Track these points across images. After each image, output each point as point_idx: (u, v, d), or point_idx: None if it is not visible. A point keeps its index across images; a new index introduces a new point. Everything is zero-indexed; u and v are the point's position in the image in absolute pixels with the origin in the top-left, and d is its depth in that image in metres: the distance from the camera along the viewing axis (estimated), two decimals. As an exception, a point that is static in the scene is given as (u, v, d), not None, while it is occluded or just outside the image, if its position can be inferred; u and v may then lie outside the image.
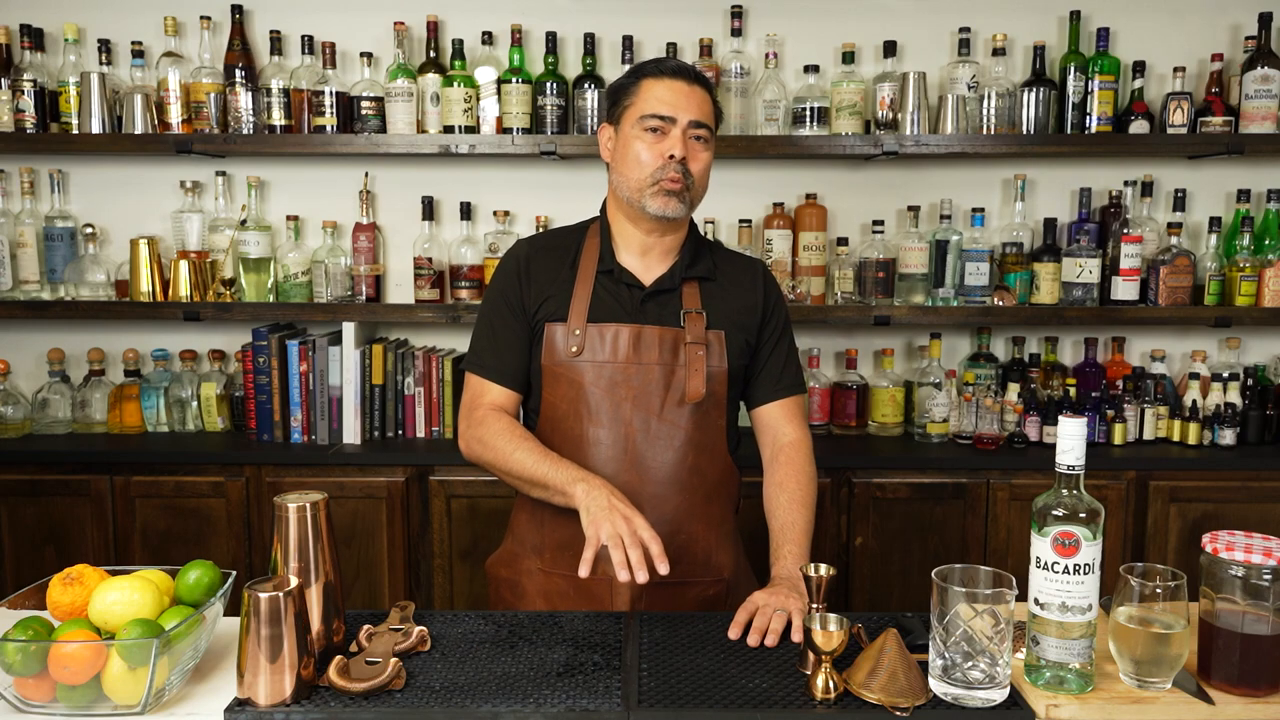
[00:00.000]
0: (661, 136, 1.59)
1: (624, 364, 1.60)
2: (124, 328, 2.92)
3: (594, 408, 1.60)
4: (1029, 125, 2.72)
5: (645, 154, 1.59)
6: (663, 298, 1.65)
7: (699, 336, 1.62)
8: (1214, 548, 1.22)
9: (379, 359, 2.75)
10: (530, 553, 1.67)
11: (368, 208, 2.84)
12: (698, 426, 1.62)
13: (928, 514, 2.58)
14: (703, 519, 1.64)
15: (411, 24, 2.79)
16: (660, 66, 1.62)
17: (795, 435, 1.70)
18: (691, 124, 1.59)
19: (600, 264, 1.65)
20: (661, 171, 1.58)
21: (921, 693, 1.18)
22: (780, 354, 1.73)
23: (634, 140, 1.60)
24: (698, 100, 1.60)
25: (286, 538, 1.28)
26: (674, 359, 1.61)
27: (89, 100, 2.66)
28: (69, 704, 1.15)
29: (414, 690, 1.22)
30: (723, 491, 1.69)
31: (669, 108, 1.58)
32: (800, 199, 2.88)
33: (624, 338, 1.60)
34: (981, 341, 2.90)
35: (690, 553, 1.63)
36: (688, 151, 1.59)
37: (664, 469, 1.61)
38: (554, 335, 1.62)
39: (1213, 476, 2.60)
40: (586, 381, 1.60)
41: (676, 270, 1.66)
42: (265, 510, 2.57)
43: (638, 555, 1.35)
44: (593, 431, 1.60)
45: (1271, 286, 2.70)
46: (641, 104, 1.60)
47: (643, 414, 1.60)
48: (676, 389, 1.61)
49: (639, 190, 1.60)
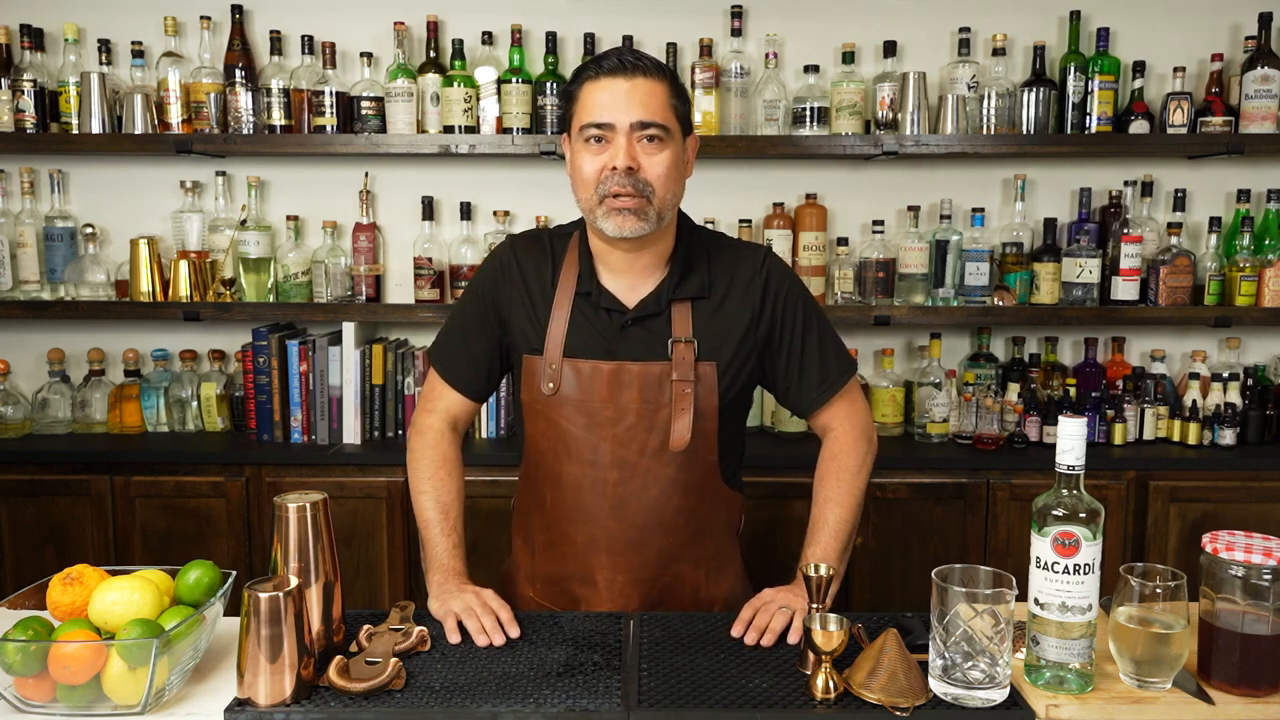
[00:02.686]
0: (604, 146, 1.41)
1: (601, 404, 1.47)
2: (124, 328, 2.92)
3: (572, 448, 1.50)
4: (1029, 125, 2.71)
5: (588, 167, 1.42)
6: (648, 322, 1.50)
7: (686, 373, 1.46)
8: (1214, 548, 1.22)
9: (379, 359, 2.75)
10: (524, 579, 1.65)
11: (368, 208, 2.84)
12: (684, 468, 1.50)
13: (928, 514, 2.58)
14: (690, 559, 1.56)
15: (411, 24, 2.79)
16: (599, 65, 1.43)
17: (841, 429, 1.60)
18: (636, 125, 1.40)
19: (579, 284, 1.52)
20: (604, 187, 1.41)
21: (921, 693, 1.18)
22: (811, 355, 1.56)
23: (578, 154, 1.44)
24: (640, 96, 1.40)
25: (286, 538, 1.28)
26: (658, 397, 1.47)
27: (89, 100, 2.66)
28: (69, 704, 1.15)
29: (414, 690, 1.22)
30: (717, 524, 1.59)
31: (606, 112, 1.40)
32: (800, 199, 2.88)
33: (601, 375, 1.47)
34: (981, 341, 2.90)
35: (675, 593, 1.57)
36: (635, 158, 1.40)
37: (645, 514, 1.50)
38: (532, 369, 1.52)
39: (1213, 476, 2.59)
40: (563, 421, 1.49)
41: (663, 291, 1.50)
42: (265, 510, 2.57)
43: (491, 621, 1.37)
44: (570, 472, 1.51)
45: (1271, 286, 2.70)
46: (581, 112, 1.43)
47: (622, 456, 1.48)
48: (660, 430, 1.47)
49: (590, 210, 1.44)
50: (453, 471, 1.59)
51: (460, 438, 1.65)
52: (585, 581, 1.56)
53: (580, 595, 1.57)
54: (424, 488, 1.57)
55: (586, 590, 1.56)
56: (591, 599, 1.56)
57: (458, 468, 1.61)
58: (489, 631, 1.36)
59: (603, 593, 1.55)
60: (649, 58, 1.45)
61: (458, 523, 1.56)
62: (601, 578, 1.54)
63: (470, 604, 1.40)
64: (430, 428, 1.62)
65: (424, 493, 1.57)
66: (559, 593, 1.59)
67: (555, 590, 1.59)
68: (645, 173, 1.42)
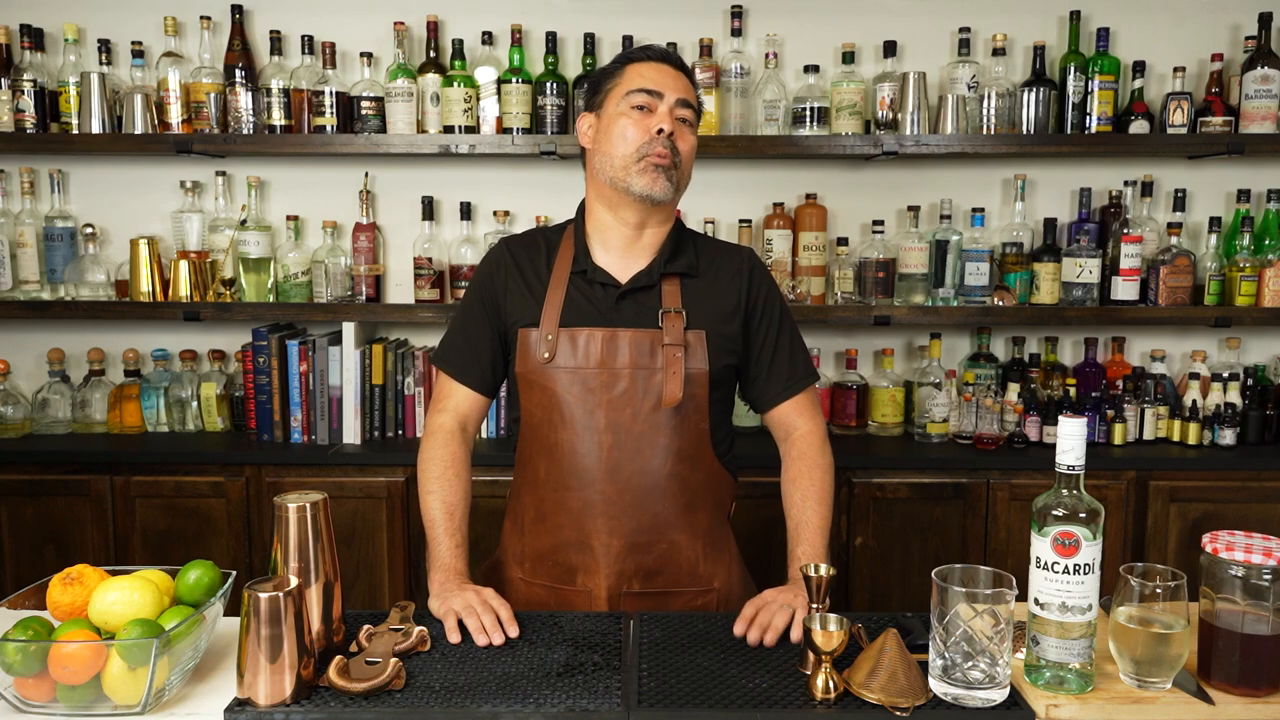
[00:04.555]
0: (649, 113, 1.55)
1: (596, 369, 1.54)
2: (124, 328, 2.92)
3: (568, 415, 1.55)
4: (1029, 125, 2.72)
5: (632, 130, 1.54)
6: (640, 295, 1.59)
7: (677, 338, 1.55)
8: (1214, 548, 1.22)
9: (379, 359, 2.76)
10: (512, 562, 1.66)
11: (368, 208, 2.84)
12: (677, 432, 1.56)
13: (928, 514, 2.58)
14: (685, 528, 1.59)
15: (411, 24, 2.80)
16: (646, 51, 1.60)
17: (806, 427, 1.66)
18: (679, 102, 1.56)
19: (574, 264, 1.60)
20: (649, 146, 1.53)
21: (921, 693, 1.18)
22: (783, 350, 1.66)
23: (620, 118, 1.56)
24: (683, 83, 1.59)
25: (286, 538, 1.28)
26: (650, 362, 1.55)
27: (89, 100, 2.66)
28: (69, 704, 1.15)
29: (414, 690, 1.22)
30: (709, 498, 1.62)
31: (656, 84, 1.56)
32: (800, 199, 2.88)
33: (596, 342, 1.55)
34: (981, 341, 2.90)
35: (673, 562, 1.59)
36: (675, 129, 1.56)
37: (642, 476, 1.55)
38: (527, 341, 1.57)
39: (1213, 476, 2.59)
40: (559, 388, 1.55)
41: (655, 266, 1.60)
42: (265, 510, 2.57)
43: (491, 619, 1.38)
44: (568, 439, 1.55)
45: (1271, 286, 2.70)
46: (628, 83, 1.57)
47: (618, 420, 1.54)
48: (653, 394, 1.54)
49: (625, 168, 1.54)
50: (460, 473, 1.61)
51: (470, 439, 1.67)
52: (582, 548, 1.57)
53: (576, 563, 1.57)
54: (431, 488, 1.59)
55: (583, 557, 1.57)
56: (588, 565, 1.56)
57: (465, 469, 1.62)
58: (488, 630, 1.37)
59: (599, 558, 1.56)
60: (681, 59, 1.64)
61: (462, 523, 1.58)
62: (598, 542, 1.56)
63: (470, 602, 1.41)
64: (441, 428, 1.64)
65: (431, 493, 1.59)
66: (551, 566, 1.59)
67: (547, 564, 1.60)
68: (680, 144, 1.57)
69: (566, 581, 1.59)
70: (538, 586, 1.61)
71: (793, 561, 1.55)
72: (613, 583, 1.56)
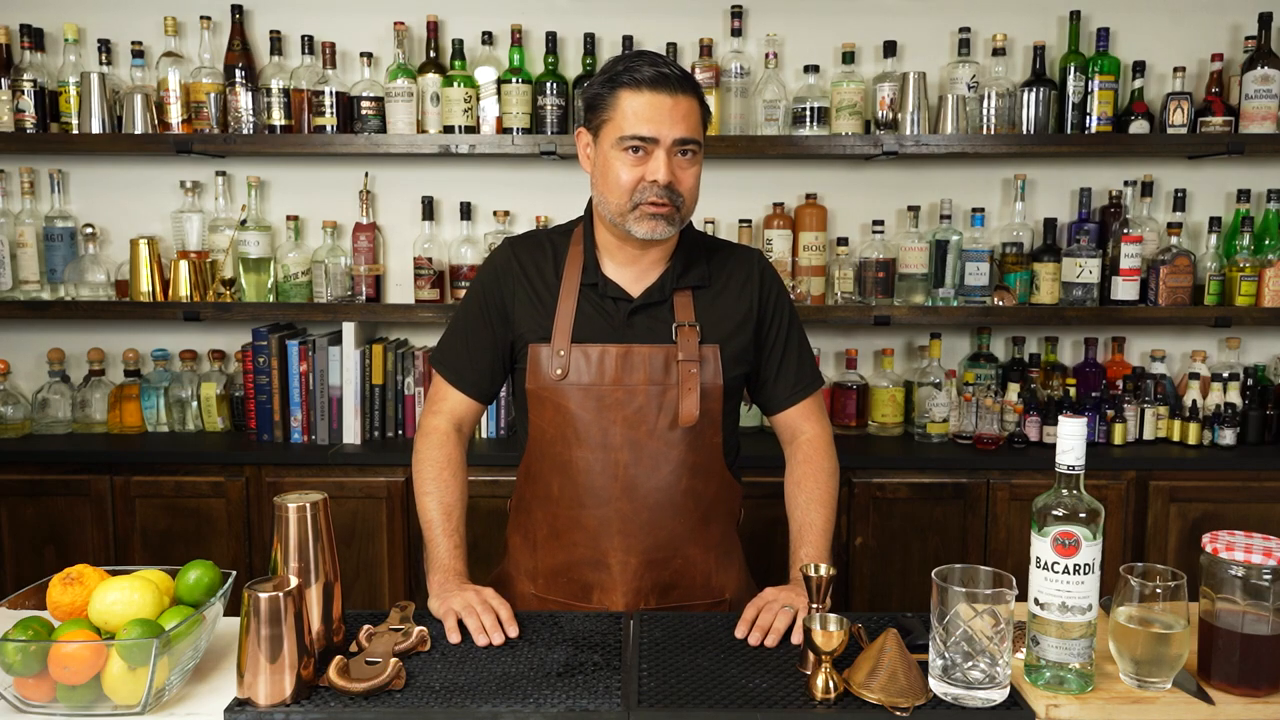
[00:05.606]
0: (644, 158, 1.46)
1: (611, 386, 1.52)
2: (124, 328, 2.92)
3: (581, 432, 1.53)
4: (1029, 125, 2.72)
5: (625, 176, 1.47)
6: (653, 310, 1.56)
7: (691, 354, 1.53)
8: (1214, 548, 1.22)
9: (379, 359, 2.75)
10: (524, 577, 1.64)
11: (368, 208, 2.84)
12: (691, 448, 1.54)
13: (928, 514, 2.58)
14: (699, 542, 1.58)
15: (411, 24, 2.80)
16: (638, 76, 1.45)
17: (813, 431, 1.66)
18: (677, 142, 1.46)
19: (584, 276, 1.56)
20: (642, 195, 1.47)
21: (921, 693, 1.18)
22: (791, 354, 1.65)
23: (613, 160, 1.48)
24: (682, 113, 1.46)
25: (286, 538, 1.28)
26: (665, 378, 1.52)
27: (89, 100, 2.66)
28: (69, 704, 1.15)
29: (414, 690, 1.22)
30: (721, 510, 1.62)
31: (650, 127, 1.45)
32: (800, 199, 2.88)
33: (610, 358, 1.52)
34: (981, 341, 2.90)
35: (687, 576, 1.58)
36: (673, 173, 1.47)
37: (657, 494, 1.54)
38: (538, 357, 1.54)
39: (1213, 476, 2.59)
40: (573, 405, 1.52)
41: (667, 280, 1.57)
42: (265, 510, 2.57)
43: (490, 619, 1.38)
44: (581, 457, 1.53)
45: (1271, 286, 2.70)
46: (620, 121, 1.46)
47: (633, 438, 1.52)
48: (668, 410, 1.52)
49: (620, 214, 1.49)
50: (456, 473, 1.60)
51: (465, 440, 1.66)
52: (598, 566, 1.56)
53: (593, 581, 1.56)
54: (428, 489, 1.58)
55: (599, 575, 1.56)
56: (605, 583, 1.56)
57: (461, 469, 1.62)
58: (488, 630, 1.37)
59: (616, 576, 1.55)
60: (680, 69, 1.50)
61: (460, 524, 1.57)
62: (615, 560, 1.55)
63: (470, 601, 1.41)
64: (435, 429, 1.63)
65: (427, 494, 1.58)
66: (566, 583, 1.59)
67: (562, 581, 1.59)
68: (680, 185, 1.49)
69: (582, 599, 1.58)
70: (552, 603, 1.60)
71: (795, 563, 1.55)
72: (629, 600, 1.55)
